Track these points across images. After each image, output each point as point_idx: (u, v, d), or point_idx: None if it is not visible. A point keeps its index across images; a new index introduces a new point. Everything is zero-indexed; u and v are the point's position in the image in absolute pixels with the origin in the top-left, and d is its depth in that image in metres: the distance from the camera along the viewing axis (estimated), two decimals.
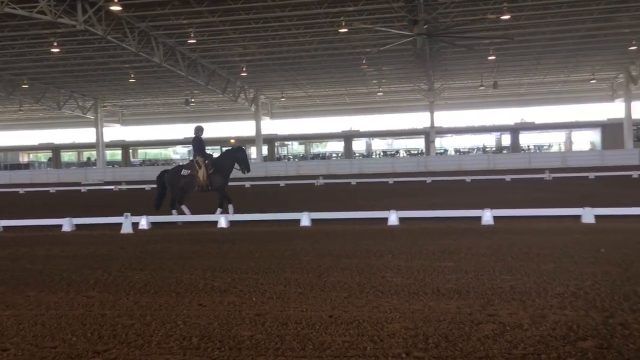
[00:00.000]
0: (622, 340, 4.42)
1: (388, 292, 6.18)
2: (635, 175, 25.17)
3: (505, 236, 9.72)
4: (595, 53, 34.12)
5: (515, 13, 23.48)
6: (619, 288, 5.97)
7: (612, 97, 44.92)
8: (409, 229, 11.13)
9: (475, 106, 48.74)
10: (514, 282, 6.41)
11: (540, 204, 14.35)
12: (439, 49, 29.79)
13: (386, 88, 44.20)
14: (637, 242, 8.57)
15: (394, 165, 40.49)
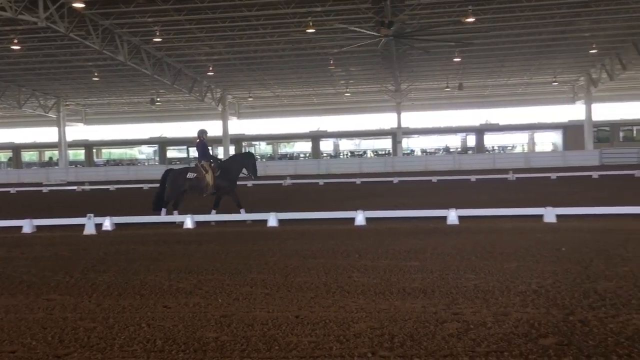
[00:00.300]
0: (582, 337, 4.53)
1: (354, 292, 6.20)
2: (595, 175, 25.83)
3: (470, 236, 9.86)
4: (557, 56, 34.88)
5: (480, 16, 23.85)
6: (579, 286, 6.12)
7: (573, 99, 46.00)
8: (375, 229, 11.19)
9: (441, 107, 49.35)
10: (478, 281, 6.50)
11: (504, 204, 14.61)
12: (405, 51, 30.06)
13: (354, 89, 44.41)
14: (597, 241, 8.79)
15: (361, 166, 40.69)
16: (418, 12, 23.36)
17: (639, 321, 4.83)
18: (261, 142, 58.42)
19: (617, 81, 38.13)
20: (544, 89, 45.40)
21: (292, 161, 50.12)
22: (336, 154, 55.25)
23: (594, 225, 10.56)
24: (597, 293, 5.79)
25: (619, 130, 47.13)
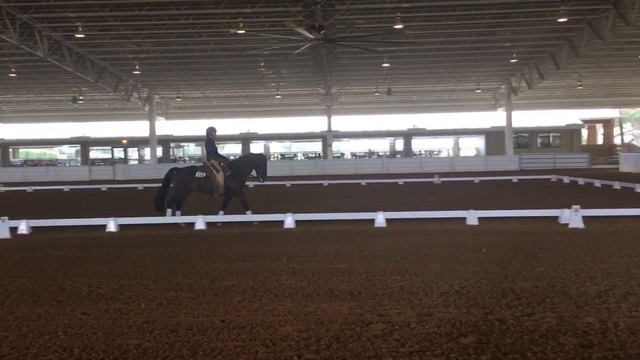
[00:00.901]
0: (500, 335, 4.70)
1: (282, 295, 6.18)
2: (515, 179, 26.98)
3: (397, 238, 10.06)
4: (480, 64, 36.25)
5: (408, 23, 24.43)
6: (498, 286, 6.35)
7: (495, 106, 47.91)
8: (304, 231, 11.21)
9: (371, 111, 50.13)
10: (403, 282, 6.63)
11: (430, 206, 15.00)
12: (335, 54, 30.37)
13: (284, 91, 44.39)
14: (515, 243, 9.17)
15: (291, 168, 40.71)
16: (348, 17, 23.65)
17: (552, 319, 5.06)
18: (190, 143, 57.39)
19: (535, 90, 40.04)
20: (468, 95, 47.02)
21: None
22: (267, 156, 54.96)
23: (513, 227, 11.02)
24: (515, 293, 6.03)
25: (537, 136, 49.54)
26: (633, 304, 5.48)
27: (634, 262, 7.39)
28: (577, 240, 9.30)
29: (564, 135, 48.84)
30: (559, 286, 6.26)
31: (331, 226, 11.77)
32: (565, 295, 5.88)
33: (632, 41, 29.36)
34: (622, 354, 4.19)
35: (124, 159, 54.33)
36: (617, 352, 4.24)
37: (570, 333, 4.68)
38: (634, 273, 6.79)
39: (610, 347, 4.33)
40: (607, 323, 4.91)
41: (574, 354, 4.23)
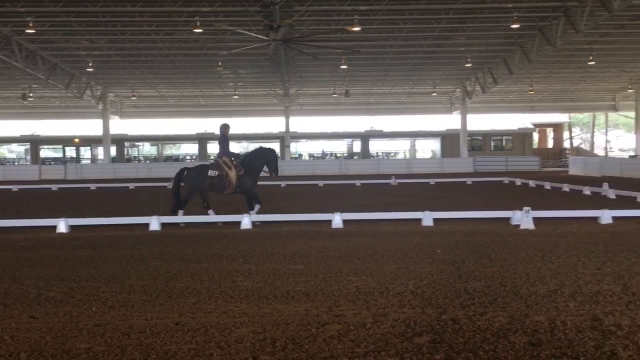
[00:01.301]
0: (453, 334, 4.78)
1: (238, 297, 6.13)
2: (469, 181, 27.52)
3: (353, 239, 10.11)
4: (436, 68, 36.84)
5: (366, 26, 24.61)
6: (452, 286, 6.46)
7: (450, 109, 48.75)
8: (261, 232, 11.17)
9: (329, 113, 50.27)
10: (359, 283, 6.67)
11: (386, 207, 15.16)
12: (293, 56, 30.33)
13: (242, 91, 44.07)
14: (468, 243, 9.34)
15: None
16: (306, 18, 23.67)
17: (503, 318, 5.18)
18: (145, 143, 56.37)
19: (489, 94, 40.91)
20: (424, 98, 47.69)
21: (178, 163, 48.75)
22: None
23: (467, 228, 11.22)
24: (468, 292, 6.14)
25: (491, 139, 50.69)
26: (580, 303, 5.65)
27: (581, 263, 7.63)
28: (527, 241, 9.54)
29: (516, 139, 50.11)
30: (510, 286, 6.41)
31: (288, 227, 11.75)
32: (516, 294, 6.03)
33: (580, 48, 30.36)
34: (570, 352, 4.32)
35: (76, 158, 52.95)
36: (565, 350, 4.36)
37: (521, 332, 4.80)
38: (581, 273, 7.01)
39: (559, 345, 4.46)
40: (556, 321, 5.05)
41: (524, 352, 4.33)
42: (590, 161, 36.73)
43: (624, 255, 8.10)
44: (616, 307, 5.47)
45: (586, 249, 8.60)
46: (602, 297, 5.86)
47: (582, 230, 10.72)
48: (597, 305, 5.55)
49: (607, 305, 5.56)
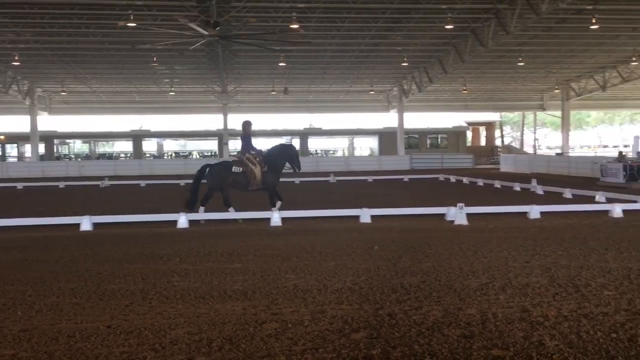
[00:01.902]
0: (389, 329, 4.84)
1: (173, 297, 6.00)
2: (406, 179, 28.04)
3: (292, 237, 10.10)
4: (374, 67, 37.30)
5: (304, 24, 24.62)
6: (389, 281, 6.55)
7: (387, 107, 49.46)
8: (198, 231, 10.99)
9: (268, 110, 49.97)
10: (297, 281, 6.66)
11: (324, 205, 15.21)
12: (231, 52, 30.00)
13: (179, 88, 43.16)
14: (405, 239, 9.51)
15: (186, 167, 39.77)
16: (244, 14, 23.44)
17: (438, 312, 5.29)
18: (76, 140, 54.42)
19: (425, 93, 41.76)
20: (362, 96, 48.19)
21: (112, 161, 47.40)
22: (160, 154, 53.38)
23: (404, 224, 11.42)
24: (404, 288, 6.24)
25: (427, 137, 51.85)
26: (510, 295, 5.85)
27: (511, 256, 7.91)
28: (461, 236, 9.81)
29: (451, 137, 51.47)
30: (445, 280, 6.56)
31: (226, 225, 11.62)
32: (450, 288, 6.18)
33: (511, 49, 31.47)
34: (500, 343, 4.46)
35: (2, 156, 50.52)
36: (496, 341, 4.50)
37: (454, 325, 4.92)
38: (511, 266, 7.26)
39: (490, 337, 4.60)
40: (487, 314, 5.21)
41: (457, 344, 4.44)
42: (520, 158, 38.21)
43: (550, 248, 8.45)
44: (543, 299, 5.69)
45: (516, 243, 8.92)
46: (530, 289, 6.09)
47: (512, 225, 11.12)
48: (525, 297, 5.76)
49: (535, 297, 5.78)
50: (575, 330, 4.72)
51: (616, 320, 4.96)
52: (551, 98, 49.26)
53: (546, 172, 30.89)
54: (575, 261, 7.51)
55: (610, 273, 6.79)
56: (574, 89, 44.67)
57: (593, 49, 32.66)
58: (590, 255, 7.92)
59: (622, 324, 4.84)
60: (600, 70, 39.79)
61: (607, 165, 22.58)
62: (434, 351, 4.31)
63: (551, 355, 4.19)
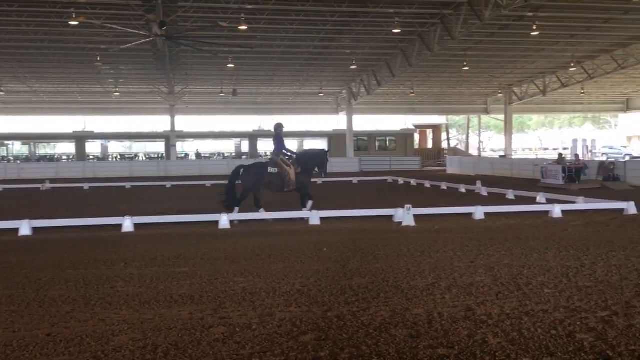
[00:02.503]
0: (338, 331, 4.85)
1: (117, 303, 5.85)
2: (355, 181, 28.25)
3: (241, 239, 10.01)
4: (323, 69, 37.43)
5: (253, 25, 24.48)
6: (338, 283, 6.57)
7: (337, 110, 49.77)
8: (144, 235, 10.75)
9: (217, 112, 49.45)
10: (246, 284, 6.60)
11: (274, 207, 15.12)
12: (178, 53, 29.53)
13: (124, 88, 42.14)
14: (354, 241, 9.57)
15: (132, 169, 38.86)
16: (192, 14, 23.12)
17: (386, 312, 5.35)
18: (15, 141, 52.37)
19: (373, 95, 42.21)
20: (311, 99, 48.28)
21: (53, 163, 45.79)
22: (104, 156, 52.02)
23: (353, 226, 11.50)
24: (352, 289, 6.27)
25: (375, 140, 52.41)
26: (455, 295, 5.97)
27: (457, 257, 8.07)
28: (409, 237, 9.95)
29: (399, 139, 52.18)
30: (392, 281, 6.63)
31: (174, 229, 11.42)
32: (398, 289, 6.25)
33: (456, 54, 32.17)
34: (446, 342, 4.53)
35: None
36: (442, 340, 4.58)
37: (401, 325, 4.97)
38: (457, 266, 7.41)
39: (436, 336, 4.67)
40: (433, 313, 5.29)
41: (404, 344, 4.49)
42: (466, 161, 39.12)
43: (494, 248, 8.67)
44: (487, 298, 5.83)
45: (461, 244, 9.11)
46: (475, 288, 6.23)
47: (458, 225, 11.36)
48: (470, 297, 5.88)
49: (479, 296, 5.92)
50: (517, 327, 4.85)
51: (555, 317, 5.13)
52: (495, 102, 50.66)
53: (491, 174, 31.73)
54: (518, 260, 7.74)
55: (550, 272, 7.02)
56: (516, 94, 46.08)
57: (534, 54, 33.77)
58: (532, 254, 8.17)
59: (561, 321, 5.01)
60: (540, 75, 41.22)
61: (548, 167, 23.38)
62: (382, 352, 4.34)
63: (494, 352, 4.29)
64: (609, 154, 50.34)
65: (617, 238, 9.52)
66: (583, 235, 9.88)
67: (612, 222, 11.55)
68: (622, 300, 5.64)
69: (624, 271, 6.97)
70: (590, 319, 5.04)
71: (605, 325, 4.88)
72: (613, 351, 4.27)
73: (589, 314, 5.19)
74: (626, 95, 51.90)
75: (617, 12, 24.67)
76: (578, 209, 13.51)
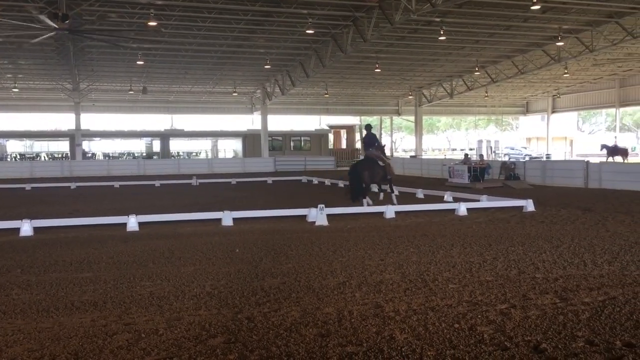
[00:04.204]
0: (248, 333, 4.79)
1: (12, 312, 5.49)
2: (270, 181, 28.17)
3: (149, 242, 9.70)
4: (237, 68, 37.06)
5: (163, 21, 23.82)
6: (249, 284, 6.51)
7: (251, 109, 49.50)
8: (45, 239, 10.17)
9: (126, 110, 47.79)
10: (153, 288, 6.39)
11: (186, 208, 14.83)
12: (83, 48, 28.22)
13: (24, 84, 39.77)
14: (267, 241, 9.53)
15: (33, 170, 36.74)
16: (97, 8, 22.15)
17: (296, 312, 5.34)
18: None
19: (288, 96, 42.34)
20: (225, 98, 47.71)
21: None
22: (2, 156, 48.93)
23: (266, 226, 11.45)
24: (264, 290, 6.23)
25: (290, 140, 52.55)
26: (366, 293, 6.07)
27: (368, 255, 8.22)
28: (321, 236, 10.03)
29: (314, 139, 52.63)
30: (304, 281, 6.65)
31: (77, 232, 10.88)
32: (309, 289, 6.27)
33: (368, 56, 32.88)
34: (355, 339, 4.59)
35: None
36: (351, 337, 4.63)
37: (312, 324, 4.99)
38: (367, 264, 7.54)
39: (345, 334, 4.72)
40: (344, 312, 5.35)
41: (314, 343, 4.51)
42: None
43: (403, 246, 8.91)
44: (396, 294, 5.97)
45: (372, 242, 9.29)
46: (384, 285, 6.36)
47: (370, 224, 11.58)
48: (379, 294, 6.00)
49: (388, 293, 6.05)
50: (423, 322, 5.00)
51: (459, 311, 5.33)
52: (405, 104, 52.25)
53: (402, 173, 32.61)
54: (425, 257, 7.99)
55: (455, 267, 7.30)
56: (425, 96, 47.74)
57: (442, 58, 35.12)
58: (438, 251, 8.46)
59: (463, 315, 5.21)
60: (448, 78, 42.95)
61: (454, 167, 24.37)
62: (291, 352, 4.33)
63: (401, 348, 4.39)
64: (511, 155, 53.22)
65: (517, 234, 10.05)
66: (486, 232, 10.36)
67: (512, 219, 12.20)
68: (519, 293, 5.95)
69: (521, 265, 7.37)
70: (491, 312, 5.28)
71: (504, 317, 5.12)
72: (510, 342, 4.49)
73: (489, 307, 5.44)
74: (526, 98, 55.18)
75: (517, 20, 26.12)
76: (482, 207, 14.16)
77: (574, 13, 25.34)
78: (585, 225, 11.07)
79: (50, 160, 48.65)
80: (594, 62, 36.96)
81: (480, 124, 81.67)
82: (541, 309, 5.35)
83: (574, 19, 26.38)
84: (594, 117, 78.95)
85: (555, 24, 26.79)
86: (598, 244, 8.90)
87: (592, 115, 76.04)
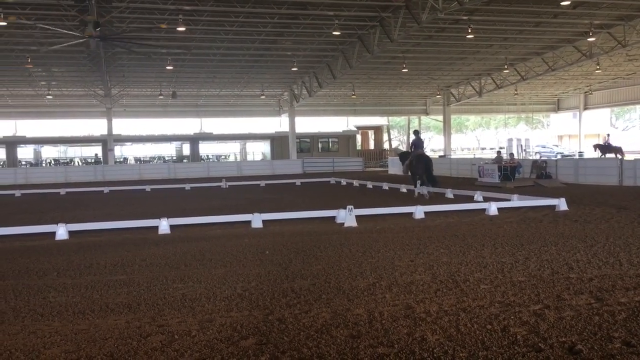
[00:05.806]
0: (279, 334, 4.82)
1: (49, 314, 5.63)
2: (299, 182, 28.27)
3: (181, 244, 9.82)
4: (264, 71, 37.28)
5: (191, 26, 24.12)
6: (279, 286, 6.54)
7: (279, 112, 49.72)
8: (80, 242, 10.39)
9: (156, 115, 48.47)
10: (185, 290, 6.48)
11: (216, 211, 14.98)
12: (114, 54, 28.75)
13: (57, 91, 40.69)
14: (296, 243, 9.56)
15: (67, 175, 37.55)
16: (127, 15, 22.54)
17: (327, 314, 5.35)
18: None
19: (315, 97, 42.41)
20: (253, 101, 48.03)
21: None
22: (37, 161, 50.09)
23: (295, 228, 11.49)
24: (294, 291, 6.26)
25: (318, 141, 52.62)
26: (396, 294, 6.04)
27: (397, 256, 8.19)
28: (351, 238, 10.02)
29: (342, 141, 52.59)
30: (334, 282, 6.66)
31: (110, 236, 11.09)
32: (339, 290, 6.27)
33: (395, 56, 32.72)
34: (386, 341, 4.58)
35: None
36: (382, 339, 4.62)
37: (342, 326, 4.99)
38: (397, 265, 7.51)
39: (376, 335, 4.71)
40: (374, 313, 5.34)
41: (345, 345, 4.51)
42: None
43: (433, 246, 8.85)
44: (426, 295, 5.94)
45: (402, 243, 9.25)
46: (414, 286, 6.33)
47: (399, 225, 11.53)
48: (410, 295, 5.97)
49: (419, 294, 6.02)
50: (454, 324, 4.96)
51: (491, 312, 5.27)
52: (433, 103, 51.81)
53: None
54: (455, 258, 7.92)
55: (486, 268, 7.22)
56: (453, 95, 47.30)
57: (470, 57, 34.75)
58: (469, 251, 8.38)
59: (496, 316, 5.15)
60: (476, 77, 42.46)
61: (484, 166, 24.08)
62: (322, 353, 4.34)
63: (432, 349, 4.36)
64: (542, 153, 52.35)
65: (549, 233, 9.89)
66: (517, 232, 10.22)
67: (544, 218, 12.00)
68: (553, 294, 5.86)
69: (555, 265, 7.25)
70: (524, 313, 5.21)
71: (537, 318, 5.05)
72: (545, 343, 4.42)
73: (522, 308, 5.37)
74: (556, 95, 54.20)
75: (546, 16, 25.69)
76: (513, 207, 13.96)
77: (605, 8, 24.82)
78: (620, 224, 10.83)
79: (84, 165, 49.60)
80: (627, 57, 36.09)
81: (510, 122, 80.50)
82: (576, 310, 5.26)
83: (606, 14, 25.83)
84: (628, 114, 77.10)
85: (586, 19, 26.27)
86: (634, 242, 8.70)
87: (626, 111, 74.23)
